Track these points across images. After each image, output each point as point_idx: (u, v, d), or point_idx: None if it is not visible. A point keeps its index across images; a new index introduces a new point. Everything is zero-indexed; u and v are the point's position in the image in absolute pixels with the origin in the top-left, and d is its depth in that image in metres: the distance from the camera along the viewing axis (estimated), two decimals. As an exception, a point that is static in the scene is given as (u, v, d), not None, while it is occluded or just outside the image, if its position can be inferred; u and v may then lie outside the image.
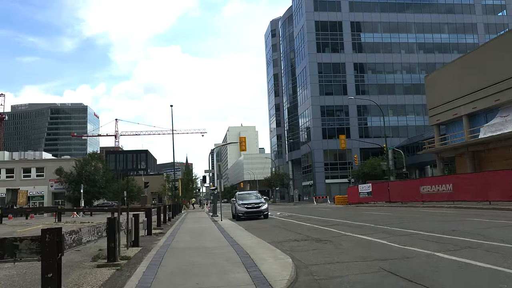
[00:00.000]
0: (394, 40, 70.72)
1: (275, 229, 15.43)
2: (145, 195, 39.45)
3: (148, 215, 12.87)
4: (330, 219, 18.76)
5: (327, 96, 67.57)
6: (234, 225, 17.27)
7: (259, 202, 22.83)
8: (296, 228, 14.97)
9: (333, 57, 68.51)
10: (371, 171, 56.57)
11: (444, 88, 40.85)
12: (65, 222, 21.01)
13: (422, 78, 70.92)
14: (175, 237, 12.36)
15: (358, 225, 14.54)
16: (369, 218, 18.16)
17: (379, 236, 10.99)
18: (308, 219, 19.81)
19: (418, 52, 71.11)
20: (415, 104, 69.56)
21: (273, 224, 17.86)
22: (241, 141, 36.07)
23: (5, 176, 52.53)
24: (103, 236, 6.88)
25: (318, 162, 66.46)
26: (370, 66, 69.95)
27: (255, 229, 15.63)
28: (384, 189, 35.75)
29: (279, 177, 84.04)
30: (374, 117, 68.55)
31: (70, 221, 21.39)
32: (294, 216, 23.84)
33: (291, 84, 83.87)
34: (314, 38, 68.46)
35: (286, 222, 18.59)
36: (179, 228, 16.23)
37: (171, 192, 55.53)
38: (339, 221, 17.05)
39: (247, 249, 9.10)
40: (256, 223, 19.09)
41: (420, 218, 16.82)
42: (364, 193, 40.07)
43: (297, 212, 29.59)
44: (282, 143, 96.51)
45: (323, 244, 10.03)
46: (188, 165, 70.12)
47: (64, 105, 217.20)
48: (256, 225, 17.76)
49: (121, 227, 8.72)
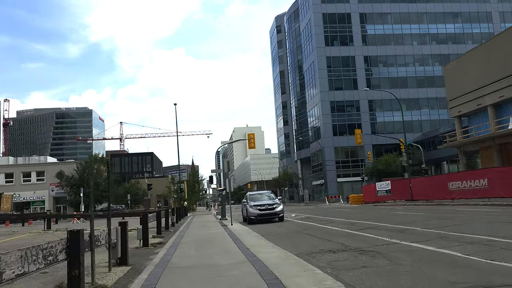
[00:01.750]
0: (405, 32, 67.88)
1: (297, 235, 12.93)
2: (149, 198, 37.18)
3: (144, 222, 10.44)
4: (357, 221, 16.21)
5: (337, 91, 64.87)
6: (247, 231, 14.79)
7: (273, 203, 20.34)
8: (322, 234, 12.45)
9: (342, 51, 65.82)
10: (386, 168, 53.81)
11: (465, 77, 38.05)
12: (55, 230, 18.60)
13: (436, 70, 68.14)
14: (177, 249, 9.89)
15: (398, 229, 11.99)
16: (403, 219, 15.60)
17: (440, 244, 8.46)
18: (330, 222, 17.28)
19: (431, 43, 68.20)
20: (429, 97, 66.65)
21: (292, 229, 15.35)
22: (250, 138, 33.67)
23: (4, 181, 50.56)
24: (57, 261, 4.43)
25: (329, 160, 63.79)
26: (381, 59, 67.16)
27: (273, 235, 13.15)
28: (405, 187, 33.08)
29: (287, 177, 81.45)
30: (387, 112, 65.75)
31: (62, 229, 19.05)
32: (313, 218, 21.32)
33: (298, 80, 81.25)
34: (322, 31, 65.83)
35: (307, 226, 16.06)
36: (184, 235, 13.79)
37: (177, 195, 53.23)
38: (370, 224, 14.50)
39: (273, 267, 6.63)
40: (272, 228, 16.60)
41: (467, 218, 14.23)
42: (382, 191, 37.42)
43: (314, 213, 27.04)
44: (290, 142, 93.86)
45: (372, 258, 7.51)
46: (194, 166, 67.74)
47: (69, 109, 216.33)
48: (273, 230, 15.26)
49: (99, 242, 6.27)
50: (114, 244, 7.32)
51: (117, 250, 7.38)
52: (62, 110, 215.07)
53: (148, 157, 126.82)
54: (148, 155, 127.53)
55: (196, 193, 63.83)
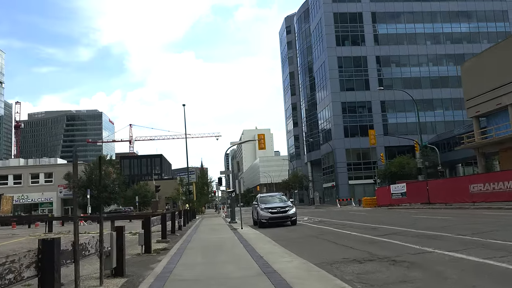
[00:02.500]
0: (418, 31, 66.32)
1: (314, 240, 11.84)
2: (156, 200, 36.30)
3: (146, 226, 9.46)
4: (377, 226, 15.06)
5: (348, 92, 63.53)
6: (259, 235, 13.74)
7: (285, 206, 19.25)
8: (342, 240, 11.35)
9: (353, 51, 64.51)
10: (399, 171, 52.27)
11: (484, 76, 36.54)
12: (56, 233, 17.74)
13: (450, 70, 66.44)
14: (182, 256, 8.89)
15: (427, 235, 10.84)
16: (428, 224, 14.42)
17: (483, 254, 7.33)
18: (347, 226, 16.14)
19: (445, 43, 66.51)
20: (443, 98, 64.95)
21: (307, 234, 14.26)
22: (260, 138, 32.71)
23: (12, 182, 50.19)
24: (21, 279, 3.44)
25: (340, 162, 62.42)
26: (394, 59, 65.68)
27: (287, 241, 12.08)
28: (422, 189, 31.74)
29: (297, 179, 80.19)
30: (400, 113, 64.22)
31: (65, 232, 18.20)
32: (327, 221, 20.18)
33: (309, 81, 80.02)
34: (332, 31, 64.61)
35: (323, 230, 14.94)
36: (190, 240, 12.80)
37: (185, 197, 52.45)
38: (393, 229, 13.34)
39: (294, 281, 5.59)
40: (285, 232, 15.53)
41: (503, 223, 13.02)
42: (397, 194, 36.09)
43: (327, 216, 25.87)
44: (300, 144, 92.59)
45: (407, 270, 6.42)
46: (203, 169, 66.96)
47: (79, 112, 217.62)
48: (286, 235, 14.19)
49: (87, 251, 5.30)
50: (109, 252, 6.34)
51: (112, 259, 6.39)
52: (72, 112, 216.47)
53: (157, 159, 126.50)
54: (157, 157, 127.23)
55: (205, 195, 63.02)
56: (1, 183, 49.81)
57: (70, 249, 4.65)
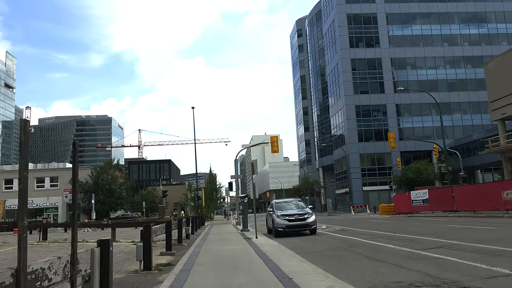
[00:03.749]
0: (435, 32, 64.17)
1: (346, 255, 9.97)
2: (163, 205, 34.67)
3: (146, 237, 7.72)
4: (413, 237, 13.14)
5: (362, 95, 61.49)
6: (278, 247, 11.91)
7: (304, 213, 17.40)
8: (380, 254, 9.50)
9: (367, 53, 62.56)
10: (417, 177, 49.93)
11: (510, 76, 34.39)
12: (51, 241, 15.99)
13: (468, 73, 64.14)
14: (189, 276, 7.11)
15: (486, 250, 8.93)
16: (476, 236, 12.48)
17: None
18: (376, 236, 14.24)
19: (463, 45, 64.24)
20: (461, 101, 62.58)
21: (333, 245, 12.40)
22: (273, 141, 30.89)
23: (17, 187, 48.90)
24: None
25: (354, 167, 60.26)
26: (409, 61, 63.54)
27: (314, 254, 10.26)
28: (447, 196, 29.61)
29: (309, 185, 78.04)
30: (416, 117, 61.98)
31: (61, 240, 16.52)
32: (349, 230, 18.26)
33: (320, 85, 78.17)
34: (346, 33, 62.80)
35: (351, 242, 13.06)
36: (199, 252, 11.04)
37: (194, 202, 50.79)
38: (437, 241, 11.43)
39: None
40: (307, 243, 13.69)
41: None
42: (418, 200, 33.95)
43: (346, 224, 23.92)
44: (311, 149, 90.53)
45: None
46: (212, 174, 65.29)
47: (89, 117, 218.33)
48: (310, 247, 12.35)
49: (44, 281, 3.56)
50: (88, 276, 4.59)
51: (93, 286, 4.65)
52: (82, 118, 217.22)
53: (166, 164, 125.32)
54: (165, 163, 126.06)
55: (214, 201, 61.29)
56: (6, 187, 48.72)
57: (11, 281, 2.92)
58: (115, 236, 15.67)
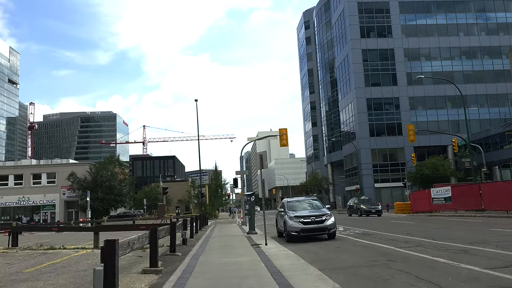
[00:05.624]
0: (450, 21, 61.01)
1: (389, 273, 7.37)
2: (163, 203, 32.25)
3: (110, 258, 5.14)
4: (461, 246, 10.51)
5: (374, 87, 58.58)
6: (296, 260, 9.35)
7: (321, 214, 14.81)
8: (435, 275, 6.93)
9: (379, 43, 59.58)
10: (432, 173, 47.07)
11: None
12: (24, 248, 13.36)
13: (485, 64, 60.95)
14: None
15: None
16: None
17: None
18: (411, 243, 11.62)
19: (480, 34, 61.05)
20: (478, 94, 59.48)
21: (365, 257, 9.80)
22: (282, 133, 28.34)
23: (13, 183, 46.86)
24: None
25: (365, 163, 57.48)
26: (423, 52, 60.49)
27: (343, 271, 7.72)
28: (473, 194, 26.93)
29: (317, 182, 75.39)
30: (430, 110, 59.03)
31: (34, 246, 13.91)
32: (373, 234, 15.65)
33: (329, 78, 75.26)
34: (357, 22, 59.84)
35: (384, 252, 10.45)
36: (194, 268, 8.53)
37: (197, 200, 48.49)
38: (501, 254, 8.81)
39: None
40: (328, 252, 11.11)
41: None
42: (439, 199, 31.26)
43: (364, 225, 21.27)
44: (319, 145, 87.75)
45: None
46: (217, 170, 62.85)
47: (94, 113, 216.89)
48: (335, 258, 9.77)
49: None
50: None
51: None
52: (87, 114, 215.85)
53: (170, 160, 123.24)
54: (170, 159, 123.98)
55: (219, 198, 58.89)
56: (1, 184, 46.59)
57: None
58: (98, 241, 13.20)
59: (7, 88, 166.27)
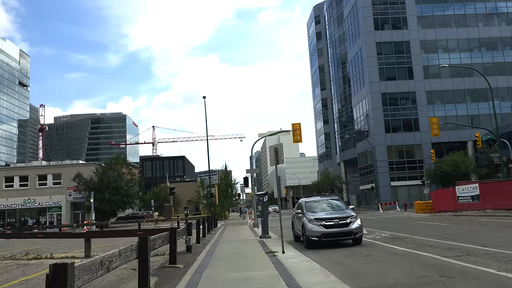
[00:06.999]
0: (469, 12, 58.38)
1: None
2: (170, 204, 30.68)
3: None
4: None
5: (389, 82, 56.24)
6: (325, 276, 7.49)
7: (345, 217, 12.89)
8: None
9: (394, 35, 57.22)
10: (453, 170, 44.64)
11: None
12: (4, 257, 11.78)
13: (507, 55, 58.23)
14: None
15: None
16: None
17: None
18: (456, 250, 9.66)
19: (500, 25, 58.31)
20: (498, 87, 56.61)
21: (408, 271, 7.88)
22: (295, 129, 26.41)
23: (18, 184, 45.78)
24: None
25: (380, 161, 55.20)
26: (441, 44, 57.95)
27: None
28: (504, 192, 24.77)
29: (330, 181, 73.15)
30: (448, 105, 56.50)
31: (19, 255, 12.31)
32: (405, 239, 13.69)
33: (341, 73, 73.02)
34: (370, 14, 57.56)
35: (430, 263, 8.51)
36: (198, 285, 6.71)
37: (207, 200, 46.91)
38: None
39: None
40: (358, 263, 9.20)
41: None
42: (466, 197, 29.06)
43: (388, 227, 19.26)
44: (331, 143, 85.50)
45: None
46: (226, 170, 61.17)
47: (104, 115, 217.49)
48: (369, 273, 7.86)
49: None
50: None
51: None
52: (97, 115, 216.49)
53: (180, 161, 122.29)
54: (179, 159, 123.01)
55: (229, 198, 57.19)
56: (7, 186, 45.57)
57: None
58: (90, 249, 11.50)
59: (18, 91, 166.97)
